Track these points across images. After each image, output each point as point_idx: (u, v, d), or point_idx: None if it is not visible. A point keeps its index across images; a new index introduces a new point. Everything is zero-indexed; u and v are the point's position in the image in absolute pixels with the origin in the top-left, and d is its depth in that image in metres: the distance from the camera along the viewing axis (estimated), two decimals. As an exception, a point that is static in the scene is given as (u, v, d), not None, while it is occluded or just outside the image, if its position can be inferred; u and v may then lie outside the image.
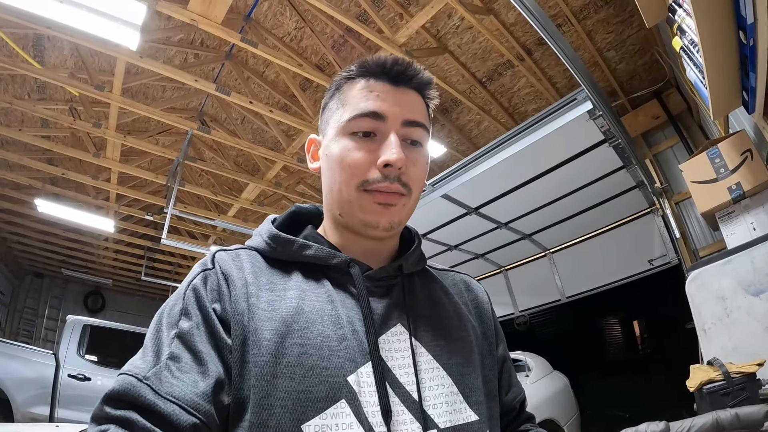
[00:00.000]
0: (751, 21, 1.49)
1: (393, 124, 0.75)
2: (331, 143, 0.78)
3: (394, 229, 0.77)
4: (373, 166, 0.74)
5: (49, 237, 8.82)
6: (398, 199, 0.75)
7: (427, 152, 0.83)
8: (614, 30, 4.75)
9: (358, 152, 0.74)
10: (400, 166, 0.72)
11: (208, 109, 6.41)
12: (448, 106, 6.00)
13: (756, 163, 2.54)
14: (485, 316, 0.91)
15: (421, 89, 0.81)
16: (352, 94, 0.78)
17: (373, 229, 0.75)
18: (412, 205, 0.79)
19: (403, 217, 0.78)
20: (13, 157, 5.94)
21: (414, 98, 0.80)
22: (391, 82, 0.78)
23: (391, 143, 0.73)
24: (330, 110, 0.82)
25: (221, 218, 7.05)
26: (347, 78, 0.81)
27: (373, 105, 0.75)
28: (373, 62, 0.79)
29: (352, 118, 0.76)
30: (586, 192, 4.79)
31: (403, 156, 0.73)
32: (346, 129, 0.76)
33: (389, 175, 0.73)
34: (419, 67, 0.80)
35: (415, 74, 0.79)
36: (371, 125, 0.75)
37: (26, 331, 10.31)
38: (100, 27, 3.55)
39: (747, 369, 1.87)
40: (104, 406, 0.59)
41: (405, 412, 0.67)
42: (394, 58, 0.78)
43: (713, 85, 1.98)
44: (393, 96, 0.77)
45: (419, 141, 0.79)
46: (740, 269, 2.33)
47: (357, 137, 0.75)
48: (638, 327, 6.50)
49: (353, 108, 0.76)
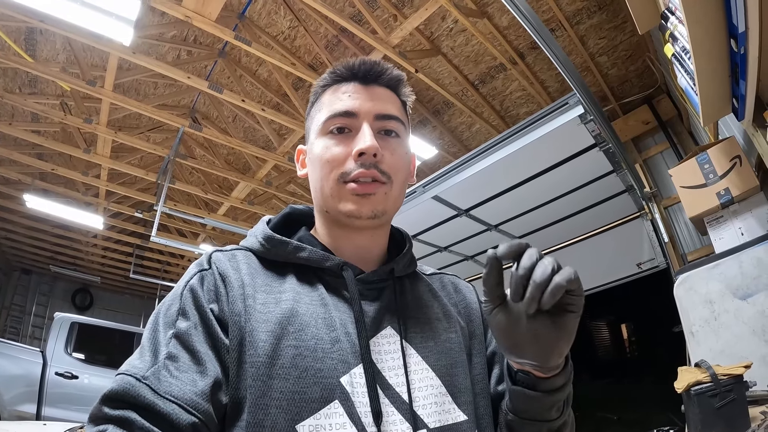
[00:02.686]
0: (742, 29, 1.51)
1: (365, 117, 0.79)
2: (313, 145, 0.83)
3: (378, 218, 0.78)
4: (349, 157, 0.76)
5: (37, 233, 8.73)
6: (377, 187, 0.76)
7: (408, 144, 0.86)
8: (607, 36, 4.79)
9: (335, 147, 0.78)
10: (374, 152, 0.75)
11: (200, 107, 6.38)
12: (440, 108, 6.01)
13: (745, 169, 2.58)
14: (473, 315, 0.92)
15: (392, 86, 0.85)
16: (326, 98, 0.83)
17: (357, 219, 0.76)
18: (396, 194, 0.80)
19: (388, 206, 0.79)
20: (2, 151, 5.86)
21: (386, 94, 0.83)
22: (361, 82, 0.82)
23: (364, 133, 0.76)
24: (311, 118, 0.87)
25: (211, 216, 7.03)
26: (322, 86, 0.86)
27: (344, 104, 0.79)
28: (342, 67, 0.83)
29: (327, 119, 0.80)
30: (576, 195, 4.82)
31: (375, 143, 0.75)
32: (324, 129, 0.80)
33: (365, 163, 0.75)
34: (387, 65, 0.83)
35: (383, 72, 0.83)
36: (345, 122, 0.79)
37: (13, 329, 10.19)
38: (93, 21, 3.53)
39: (734, 371, 1.89)
40: (102, 407, 0.59)
41: (395, 413, 0.68)
42: (362, 60, 0.82)
43: (704, 92, 2.00)
44: (363, 94, 0.81)
45: (394, 131, 0.81)
46: (728, 273, 2.36)
47: (333, 134, 0.79)
48: (626, 330, 6.56)
49: (328, 110, 0.81)
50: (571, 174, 4.37)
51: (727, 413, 1.74)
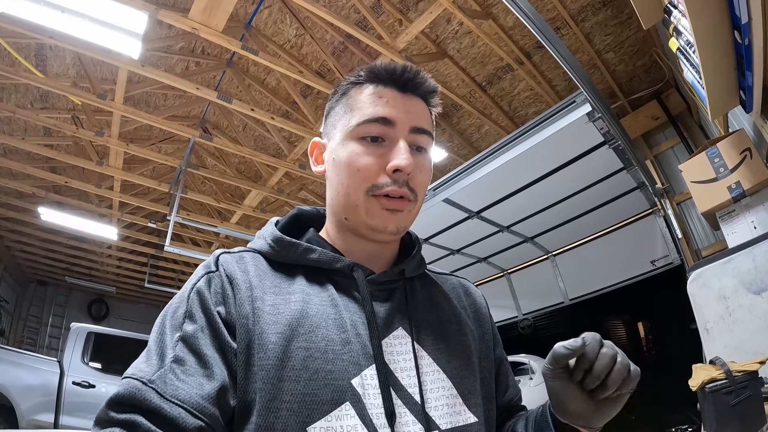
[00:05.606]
0: (745, 20, 1.50)
1: (401, 130, 0.76)
2: (339, 147, 0.79)
3: (399, 233, 0.78)
4: (382, 171, 0.74)
5: (52, 245, 8.83)
6: (405, 204, 0.76)
7: (431, 159, 0.84)
8: (612, 32, 4.76)
9: (367, 157, 0.75)
10: (409, 171, 0.74)
11: (210, 117, 6.44)
12: (449, 111, 6.01)
13: (755, 161, 2.55)
14: (483, 320, 0.92)
15: (426, 97, 0.83)
16: (360, 98, 0.79)
17: (380, 234, 0.76)
18: (417, 210, 0.80)
19: (408, 222, 0.79)
20: (16, 165, 5.96)
21: (420, 106, 0.81)
22: (400, 89, 0.79)
23: (401, 149, 0.74)
24: (336, 114, 0.82)
25: (224, 225, 7.06)
26: (355, 83, 0.81)
27: (383, 111, 0.76)
28: (382, 68, 0.79)
29: (361, 123, 0.76)
30: (588, 194, 4.80)
31: (413, 162, 0.74)
32: (355, 133, 0.77)
33: (398, 180, 0.74)
34: (427, 75, 0.81)
35: (423, 82, 0.80)
36: (380, 130, 0.76)
37: (30, 339, 10.31)
38: (102, 36, 3.58)
39: (749, 367, 1.87)
40: (109, 410, 0.59)
41: (408, 414, 0.68)
42: (403, 66, 0.79)
43: (710, 85, 1.99)
44: (401, 103, 0.78)
45: (425, 147, 0.80)
46: (741, 268, 2.33)
47: (365, 142, 0.76)
48: (642, 328, 6.49)
49: (362, 113, 0.77)
50: (581, 172, 4.36)
51: (743, 410, 1.72)
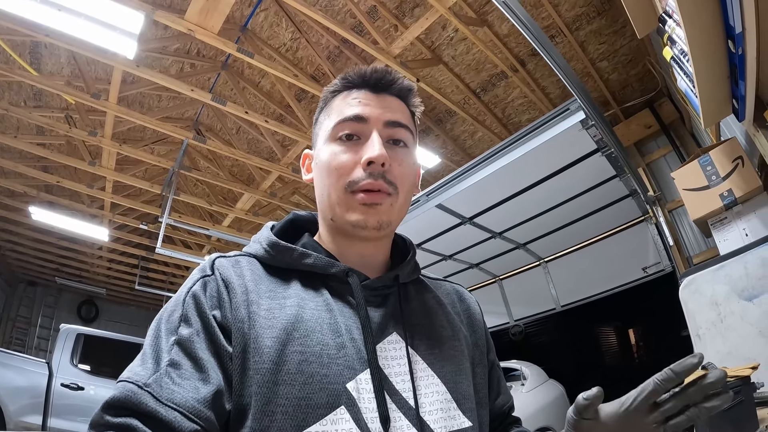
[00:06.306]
0: (739, 30, 1.52)
1: (375, 124, 0.78)
2: (320, 151, 0.82)
3: (383, 228, 0.78)
4: (357, 166, 0.76)
5: (42, 245, 8.78)
6: (384, 198, 0.76)
7: (415, 155, 0.85)
8: (607, 41, 4.81)
9: (343, 155, 0.77)
10: (382, 162, 0.74)
11: (204, 119, 6.43)
12: (443, 117, 6.04)
13: (747, 169, 2.57)
14: (476, 326, 0.93)
15: (402, 96, 0.85)
16: (336, 104, 0.83)
17: (363, 230, 0.76)
18: (401, 205, 0.80)
19: (393, 217, 0.79)
20: (8, 164, 5.93)
21: (395, 103, 0.83)
22: (372, 89, 0.82)
23: (373, 141, 0.76)
24: (319, 123, 0.86)
25: (216, 228, 7.05)
26: (332, 92, 0.85)
27: (355, 110, 0.79)
28: (353, 74, 0.83)
29: (336, 124, 0.79)
30: (580, 201, 4.82)
31: (385, 153, 0.75)
32: (332, 135, 0.80)
33: (373, 172, 0.75)
34: (398, 75, 0.84)
35: (394, 81, 0.83)
36: (354, 128, 0.78)
37: (19, 340, 10.22)
38: (97, 35, 3.57)
39: (741, 372, 1.87)
40: (104, 414, 0.59)
41: (402, 418, 0.68)
42: (373, 68, 0.82)
43: (703, 94, 2.01)
44: (375, 101, 0.81)
45: (403, 140, 0.81)
46: (733, 274, 2.34)
47: (342, 141, 0.78)
48: (633, 335, 6.51)
49: (337, 115, 0.80)
50: (574, 180, 4.38)
51: (735, 415, 1.72)
